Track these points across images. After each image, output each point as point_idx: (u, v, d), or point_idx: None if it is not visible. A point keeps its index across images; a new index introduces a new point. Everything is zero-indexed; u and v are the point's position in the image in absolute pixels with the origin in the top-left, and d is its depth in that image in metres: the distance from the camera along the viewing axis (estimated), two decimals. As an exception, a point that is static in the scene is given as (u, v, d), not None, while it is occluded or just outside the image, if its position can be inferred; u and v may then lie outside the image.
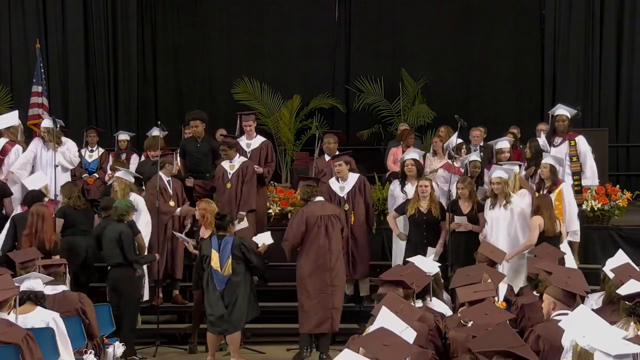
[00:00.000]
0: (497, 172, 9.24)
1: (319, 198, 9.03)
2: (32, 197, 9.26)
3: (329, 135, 10.61)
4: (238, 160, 10.14)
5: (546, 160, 9.38)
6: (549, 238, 8.66)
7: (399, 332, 4.74)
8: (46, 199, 9.51)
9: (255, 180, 10.16)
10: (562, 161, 9.65)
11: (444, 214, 9.41)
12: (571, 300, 5.67)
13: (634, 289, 5.46)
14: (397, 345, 4.49)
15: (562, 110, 10.14)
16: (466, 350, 5.11)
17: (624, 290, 5.56)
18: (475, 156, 10.08)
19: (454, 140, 10.19)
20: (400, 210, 9.58)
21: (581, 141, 10.02)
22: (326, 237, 8.79)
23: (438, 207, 9.44)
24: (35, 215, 8.80)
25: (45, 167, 10.29)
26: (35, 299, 6.34)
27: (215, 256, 8.46)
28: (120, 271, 8.73)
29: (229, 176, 9.99)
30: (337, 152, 10.38)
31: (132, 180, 9.59)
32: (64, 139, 10.56)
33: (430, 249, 9.23)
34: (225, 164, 10.11)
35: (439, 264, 7.50)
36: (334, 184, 9.89)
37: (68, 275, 7.79)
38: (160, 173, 9.75)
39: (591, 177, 10.10)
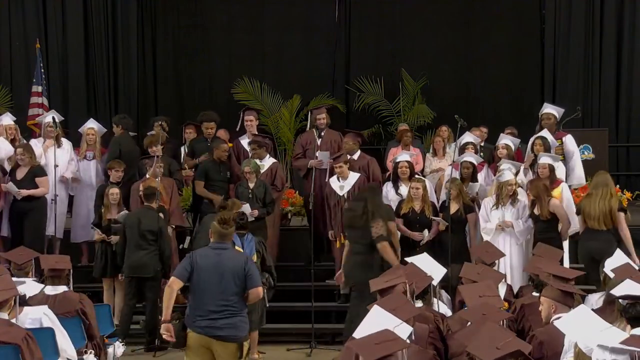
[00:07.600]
0: (508, 175, 9.23)
1: None
2: None
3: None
4: (268, 160, 10.13)
5: (544, 160, 9.34)
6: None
7: (392, 328, 4.73)
8: None
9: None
10: (558, 158, 9.60)
11: (437, 215, 9.45)
12: (570, 299, 5.66)
13: (629, 289, 5.47)
14: (389, 341, 4.48)
15: (549, 109, 10.16)
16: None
17: (619, 290, 5.57)
18: (468, 156, 9.99)
19: (466, 138, 10.23)
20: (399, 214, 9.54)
21: (569, 141, 9.98)
22: None
23: (431, 208, 9.45)
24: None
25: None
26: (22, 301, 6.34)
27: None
28: None
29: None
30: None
31: None
32: (63, 140, 10.61)
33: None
34: None
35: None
36: (334, 182, 9.89)
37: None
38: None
39: (577, 177, 10.00)
